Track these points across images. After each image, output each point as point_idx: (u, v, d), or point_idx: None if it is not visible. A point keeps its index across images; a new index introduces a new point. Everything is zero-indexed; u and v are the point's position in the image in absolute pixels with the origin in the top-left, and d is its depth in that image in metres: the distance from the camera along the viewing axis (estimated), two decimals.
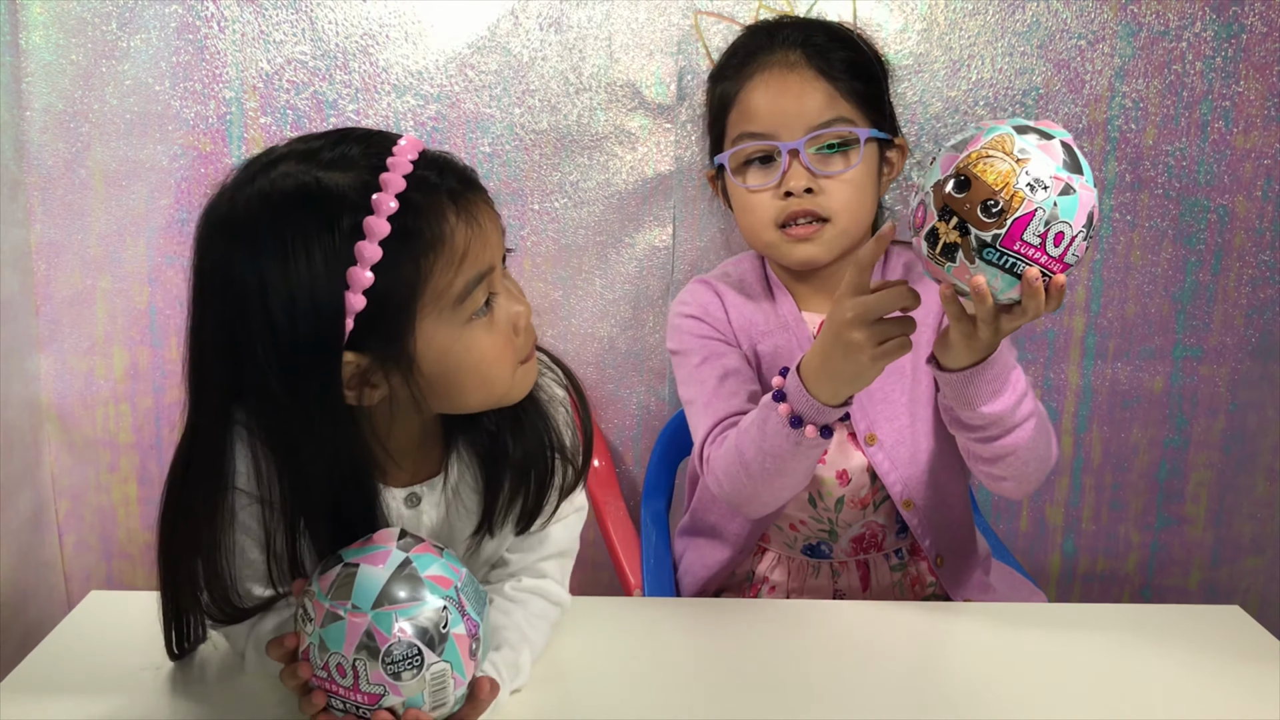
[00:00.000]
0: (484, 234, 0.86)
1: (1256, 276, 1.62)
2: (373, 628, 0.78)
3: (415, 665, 0.79)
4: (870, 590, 1.32)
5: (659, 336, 1.63)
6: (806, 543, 1.32)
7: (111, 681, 0.98)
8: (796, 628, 1.12)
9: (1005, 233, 0.89)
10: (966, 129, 0.95)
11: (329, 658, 0.80)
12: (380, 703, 0.79)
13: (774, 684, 1.00)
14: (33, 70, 1.54)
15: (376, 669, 0.78)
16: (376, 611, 0.79)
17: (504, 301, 0.90)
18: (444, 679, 0.80)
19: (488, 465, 0.98)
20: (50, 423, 1.65)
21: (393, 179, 0.82)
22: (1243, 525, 1.71)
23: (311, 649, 0.80)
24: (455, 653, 0.81)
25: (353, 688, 0.79)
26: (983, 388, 1.05)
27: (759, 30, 1.33)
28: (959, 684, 1.02)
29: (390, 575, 0.80)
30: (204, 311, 0.88)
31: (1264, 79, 1.56)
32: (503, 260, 0.91)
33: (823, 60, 1.23)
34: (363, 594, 0.79)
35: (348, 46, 1.54)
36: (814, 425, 1.08)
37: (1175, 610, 1.19)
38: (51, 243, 1.59)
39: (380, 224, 0.81)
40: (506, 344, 0.90)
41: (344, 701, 0.80)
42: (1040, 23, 1.54)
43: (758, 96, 1.24)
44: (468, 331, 0.87)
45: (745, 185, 1.26)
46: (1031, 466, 1.14)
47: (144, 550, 1.71)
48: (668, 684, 1.00)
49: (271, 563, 0.90)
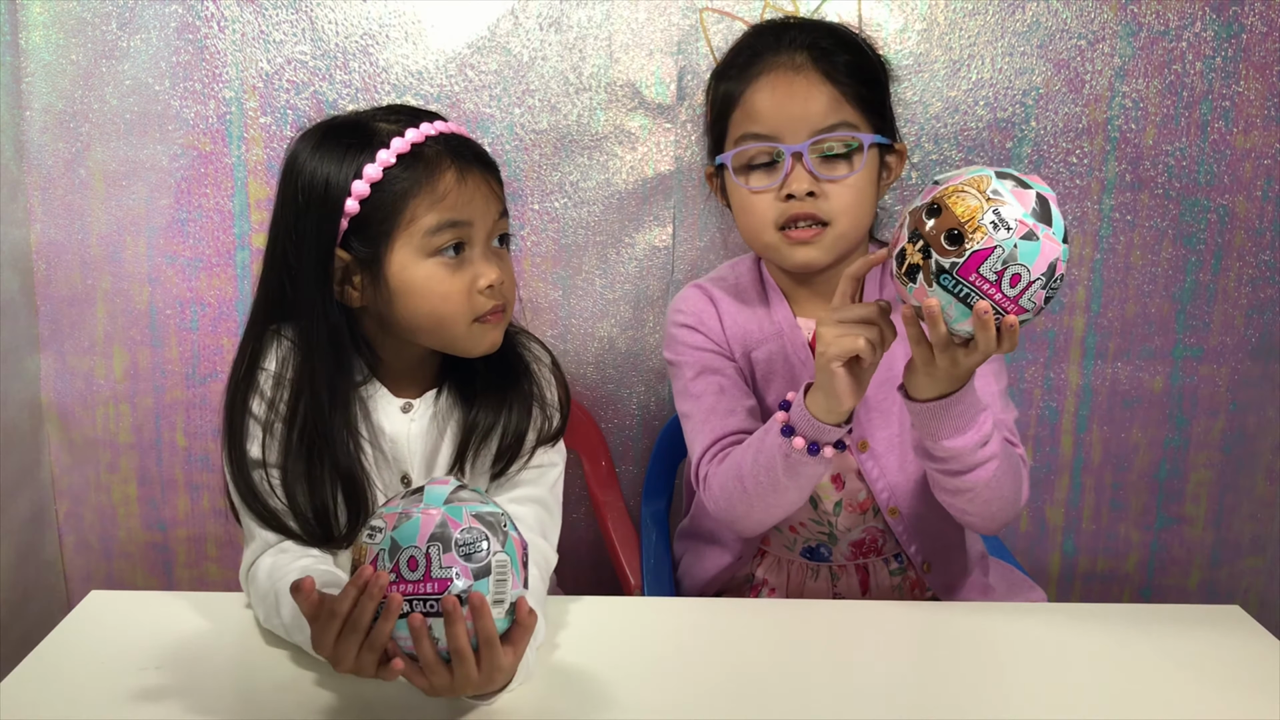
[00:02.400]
0: (471, 195, 1.08)
1: (1256, 276, 1.62)
2: (446, 518, 0.85)
3: (484, 549, 0.85)
4: (869, 594, 1.33)
5: (659, 336, 1.63)
6: (806, 545, 1.32)
7: (111, 681, 0.98)
8: (796, 628, 1.12)
9: (963, 262, 0.95)
10: (961, 170, 1.01)
11: (400, 555, 0.84)
12: (449, 588, 0.83)
13: (774, 684, 1.00)
14: (33, 70, 1.54)
15: (450, 553, 0.84)
16: (449, 505, 0.86)
17: (476, 258, 1.09)
18: (506, 570, 0.85)
19: (469, 395, 1.15)
20: (50, 423, 1.65)
21: (417, 134, 1.07)
22: (1243, 525, 1.71)
23: (381, 556, 0.85)
24: (513, 551, 0.87)
25: (423, 578, 0.83)
26: (946, 422, 1.08)
27: (765, 30, 1.32)
28: (959, 684, 1.02)
29: (455, 487, 0.89)
30: (275, 206, 1.12)
31: (1264, 79, 1.56)
32: (501, 240, 1.13)
33: (828, 63, 1.23)
34: (433, 497, 0.87)
35: (348, 46, 1.54)
36: (803, 439, 1.11)
37: (1175, 610, 1.19)
38: (51, 243, 1.59)
39: (389, 158, 1.05)
40: (463, 292, 1.08)
41: (411, 600, 0.83)
42: (1040, 23, 1.54)
43: (762, 98, 1.24)
44: (429, 263, 1.07)
45: (747, 186, 1.25)
46: (995, 506, 1.16)
47: (144, 550, 1.71)
48: (668, 684, 1.00)
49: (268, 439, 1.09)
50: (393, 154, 1.05)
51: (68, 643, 1.05)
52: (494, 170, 1.12)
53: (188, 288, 1.61)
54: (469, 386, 1.16)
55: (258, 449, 1.10)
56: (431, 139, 1.08)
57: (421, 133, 1.07)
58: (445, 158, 1.07)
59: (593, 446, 1.61)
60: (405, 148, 1.06)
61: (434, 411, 1.16)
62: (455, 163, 1.07)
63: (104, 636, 1.06)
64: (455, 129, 1.11)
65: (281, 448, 1.09)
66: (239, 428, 1.10)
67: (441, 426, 1.16)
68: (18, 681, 0.97)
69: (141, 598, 1.19)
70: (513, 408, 1.15)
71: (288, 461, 1.09)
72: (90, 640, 1.06)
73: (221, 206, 1.58)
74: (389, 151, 1.05)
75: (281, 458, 1.09)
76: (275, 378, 1.11)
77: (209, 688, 0.97)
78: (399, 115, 1.10)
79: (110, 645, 1.04)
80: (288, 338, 1.12)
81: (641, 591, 1.40)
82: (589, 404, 1.64)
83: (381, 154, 1.05)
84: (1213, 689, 1.00)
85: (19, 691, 0.96)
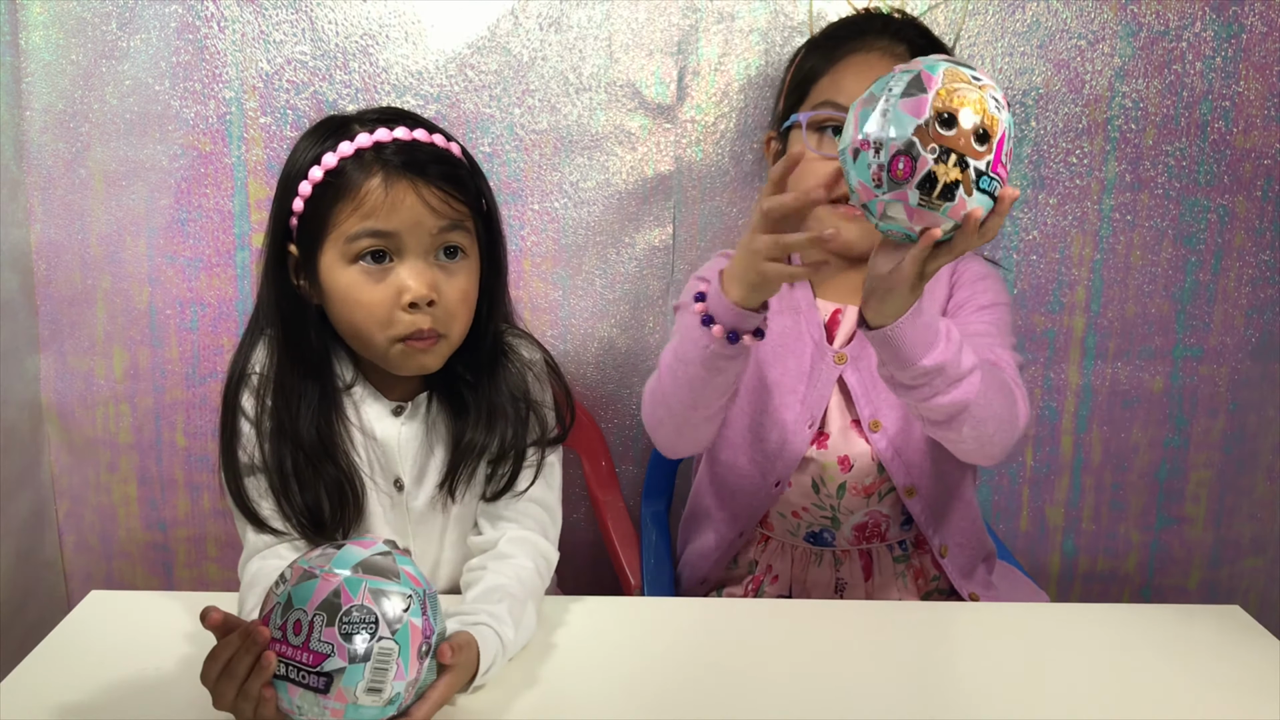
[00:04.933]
0: (396, 204, 1.05)
1: (1256, 276, 1.62)
2: (341, 587, 0.83)
3: (368, 632, 0.82)
4: (873, 581, 1.33)
5: (659, 336, 1.63)
6: (809, 530, 1.33)
7: (111, 681, 0.98)
8: (796, 627, 1.12)
9: (994, 157, 0.91)
10: (890, 77, 0.95)
11: (290, 615, 0.83)
12: (322, 664, 0.82)
13: (774, 684, 1.00)
14: (33, 70, 1.54)
15: (331, 627, 0.82)
16: (349, 576, 0.84)
17: (403, 271, 1.07)
18: (389, 660, 0.83)
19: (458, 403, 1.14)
20: (50, 423, 1.65)
21: (363, 140, 1.06)
22: (1243, 525, 1.71)
23: (276, 610, 0.84)
24: (406, 640, 0.84)
25: (302, 645, 0.82)
26: (915, 338, 1.03)
27: (875, 16, 1.37)
28: (959, 683, 1.02)
29: (372, 554, 0.87)
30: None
31: (1264, 79, 1.56)
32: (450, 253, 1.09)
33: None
34: (342, 561, 0.86)
35: (348, 46, 1.54)
36: (722, 327, 1.08)
37: (1175, 610, 1.19)
38: (51, 243, 1.59)
39: (331, 160, 1.06)
40: (384, 304, 1.06)
41: (287, 664, 0.82)
42: (1040, 23, 1.54)
43: (853, 73, 1.27)
44: (351, 270, 1.07)
45: (818, 150, 1.26)
46: (990, 426, 1.12)
47: (144, 550, 1.71)
48: (668, 684, 1.00)
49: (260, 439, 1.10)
50: (336, 157, 1.06)
51: (68, 643, 1.05)
52: (455, 181, 1.09)
53: (188, 288, 1.61)
54: (456, 395, 1.15)
55: (246, 452, 1.11)
56: (378, 145, 1.06)
57: (372, 139, 1.06)
58: (375, 165, 1.06)
59: (593, 446, 1.61)
60: (349, 151, 1.06)
61: (423, 417, 1.15)
62: (385, 170, 1.05)
63: (104, 636, 1.06)
64: (414, 137, 1.08)
65: (271, 447, 1.10)
66: (229, 431, 1.11)
67: (432, 434, 1.15)
68: (18, 681, 0.98)
69: (141, 598, 1.19)
70: (504, 425, 1.14)
71: (276, 461, 1.09)
72: (90, 640, 1.06)
73: (221, 206, 1.58)
74: (334, 155, 1.06)
75: (270, 458, 1.09)
76: (263, 378, 1.12)
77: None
78: (376, 119, 1.09)
79: (110, 645, 1.04)
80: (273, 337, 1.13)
81: (641, 591, 1.40)
82: (589, 404, 1.64)
83: (327, 157, 1.06)
84: (1213, 689, 1.00)
85: (19, 691, 0.96)
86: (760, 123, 1.56)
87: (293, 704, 0.83)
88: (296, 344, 1.11)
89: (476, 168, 1.15)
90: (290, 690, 0.83)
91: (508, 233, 1.56)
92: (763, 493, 1.31)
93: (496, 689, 0.97)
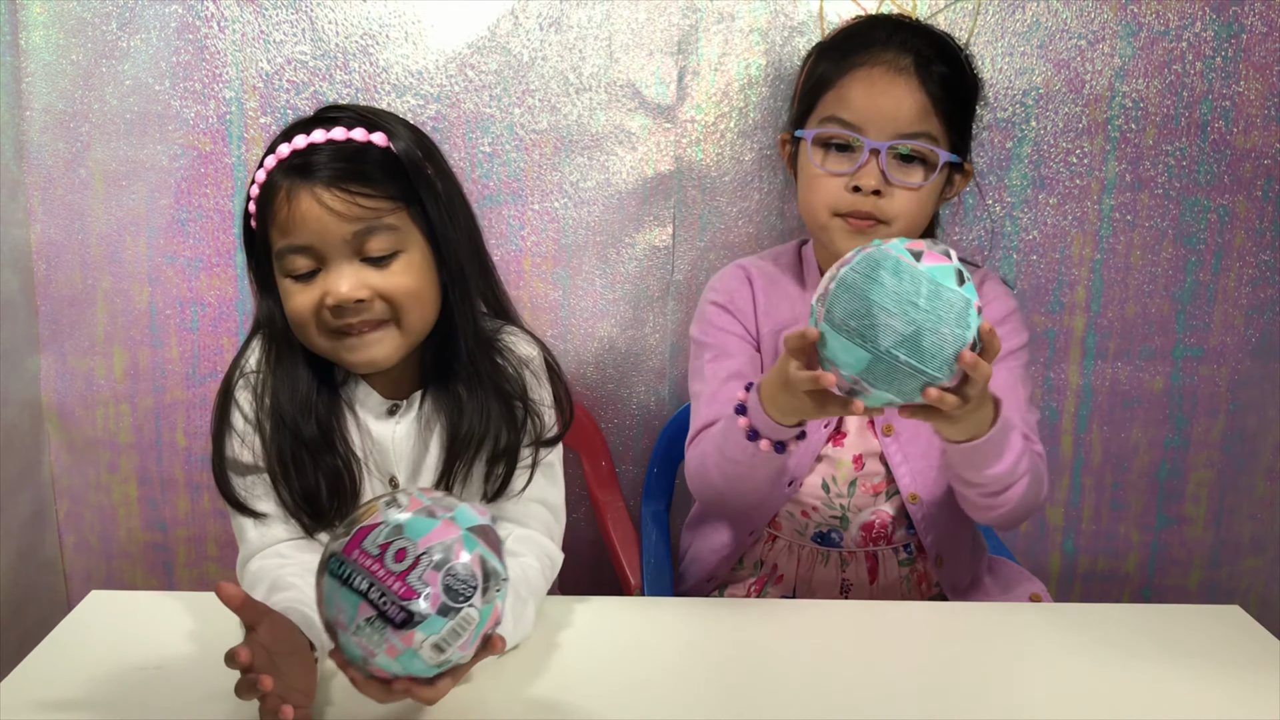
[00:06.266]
0: (302, 217, 1.02)
1: (1256, 276, 1.62)
2: (459, 541, 0.82)
3: (465, 595, 0.81)
4: (877, 583, 1.33)
5: (659, 336, 1.63)
6: (818, 530, 1.33)
7: (111, 681, 0.98)
8: (797, 627, 1.12)
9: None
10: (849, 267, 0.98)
11: (398, 540, 0.81)
12: (409, 603, 0.80)
13: (774, 684, 1.00)
14: (33, 70, 1.54)
15: (436, 572, 0.80)
16: (467, 534, 0.82)
17: (323, 277, 1.04)
18: (466, 629, 0.82)
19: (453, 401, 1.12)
20: (50, 423, 1.65)
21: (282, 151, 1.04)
22: (1243, 525, 1.71)
23: (382, 528, 0.82)
24: (486, 619, 0.83)
25: (400, 575, 0.80)
26: (989, 454, 1.11)
27: (880, 23, 1.33)
28: (959, 683, 1.02)
29: (485, 522, 0.85)
30: None
31: (1264, 79, 1.55)
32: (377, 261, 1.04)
33: (928, 72, 1.25)
34: (465, 516, 0.84)
35: (348, 46, 1.54)
36: (769, 440, 1.13)
37: (1175, 610, 1.19)
38: (51, 243, 1.59)
39: (261, 176, 1.05)
40: (309, 308, 1.05)
41: (372, 583, 0.81)
42: (1040, 23, 1.54)
43: (859, 88, 1.26)
44: (286, 283, 1.06)
45: (821, 167, 1.27)
46: (1020, 512, 1.21)
47: (144, 550, 1.71)
48: (668, 684, 1.00)
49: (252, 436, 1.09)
50: (264, 172, 1.05)
51: (68, 643, 1.05)
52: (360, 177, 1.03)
53: (188, 288, 1.61)
54: (452, 394, 1.13)
55: (237, 449, 1.10)
56: (293, 153, 1.03)
57: (289, 148, 1.04)
58: (280, 181, 1.03)
59: (593, 446, 1.61)
60: (271, 165, 1.05)
61: (417, 415, 1.14)
62: (288, 181, 1.03)
63: (104, 636, 1.06)
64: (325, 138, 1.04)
65: (270, 438, 1.09)
66: (220, 427, 1.11)
67: (426, 432, 1.14)
68: (18, 681, 0.97)
69: (141, 598, 1.19)
70: (500, 423, 1.12)
71: (275, 451, 1.09)
72: (90, 640, 1.05)
73: (221, 206, 1.58)
74: (262, 171, 1.05)
75: (269, 447, 1.09)
76: (259, 376, 1.12)
77: (209, 688, 0.97)
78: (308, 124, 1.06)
79: (110, 645, 1.04)
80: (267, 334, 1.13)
81: (641, 591, 1.40)
82: (589, 404, 1.64)
83: (258, 173, 1.05)
84: (1213, 689, 1.00)
85: (19, 691, 0.96)
86: (760, 123, 1.56)
87: (354, 619, 0.81)
88: (288, 340, 1.10)
89: (410, 153, 1.06)
90: (362, 607, 0.81)
91: (507, 232, 1.58)
92: (776, 491, 1.31)
93: (497, 688, 0.97)
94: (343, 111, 1.09)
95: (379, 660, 0.82)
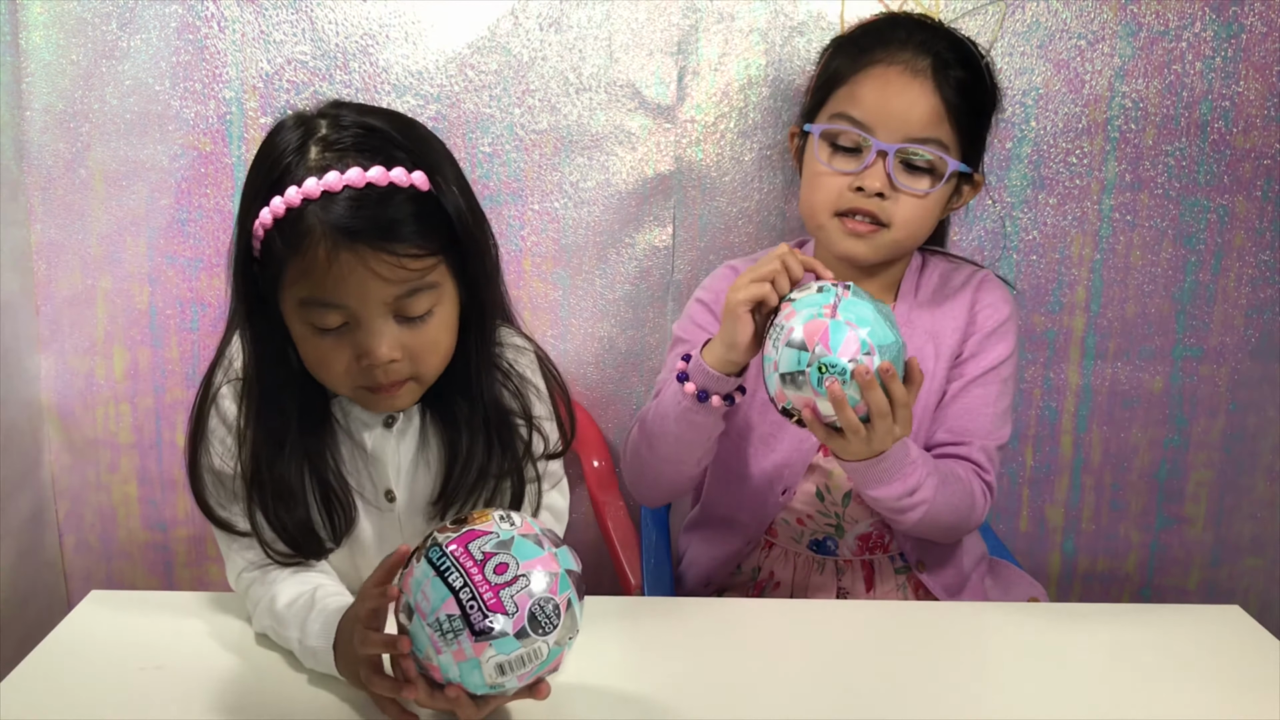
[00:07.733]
0: (343, 277, 0.94)
1: (1256, 276, 1.62)
2: (555, 579, 0.83)
3: (545, 629, 0.82)
4: (874, 591, 1.33)
5: (659, 336, 1.63)
6: (813, 538, 1.33)
7: (111, 681, 0.98)
8: (797, 627, 1.12)
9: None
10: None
11: (503, 554, 0.83)
12: (494, 615, 0.81)
13: (774, 684, 1.00)
14: (33, 70, 1.54)
15: (529, 599, 0.82)
16: (566, 575, 0.84)
17: (361, 338, 0.97)
18: (532, 660, 0.83)
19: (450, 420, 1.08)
20: (50, 423, 1.65)
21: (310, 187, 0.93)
22: (1243, 525, 1.71)
23: (491, 537, 0.84)
24: (553, 660, 0.85)
25: (495, 587, 0.82)
26: (870, 478, 1.14)
27: (901, 22, 1.30)
28: (959, 683, 1.02)
29: (578, 568, 0.87)
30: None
31: (1264, 79, 1.56)
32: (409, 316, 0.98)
33: (944, 76, 1.23)
34: (565, 558, 0.86)
35: (348, 46, 1.54)
36: (694, 385, 1.15)
37: (1175, 610, 1.19)
38: (51, 243, 1.59)
39: (280, 207, 0.94)
40: (342, 361, 0.98)
41: (466, 582, 0.82)
42: (1040, 23, 1.54)
43: (872, 86, 1.24)
44: (308, 332, 0.98)
45: (827, 164, 1.26)
46: (935, 533, 1.25)
47: (144, 550, 1.71)
48: (668, 684, 1.00)
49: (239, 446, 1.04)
50: (284, 204, 0.94)
51: (68, 643, 1.05)
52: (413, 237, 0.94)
53: (188, 288, 1.61)
54: (450, 410, 1.08)
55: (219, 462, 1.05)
56: (326, 195, 0.93)
57: (320, 186, 0.93)
58: (317, 231, 0.92)
59: (593, 446, 1.61)
60: (296, 201, 0.93)
61: (416, 429, 1.09)
62: (329, 236, 0.92)
63: (104, 636, 1.06)
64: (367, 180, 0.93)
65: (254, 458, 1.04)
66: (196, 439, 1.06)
67: (425, 447, 1.10)
68: (18, 681, 0.97)
69: (141, 598, 1.19)
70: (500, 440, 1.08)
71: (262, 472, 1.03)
72: (90, 640, 1.05)
73: (221, 206, 1.58)
74: (282, 201, 0.94)
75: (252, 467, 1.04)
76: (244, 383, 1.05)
77: (209, 688, 0.97)
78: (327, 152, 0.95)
79: (110, 645, 1.04)
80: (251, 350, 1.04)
81: (641, 591, 1.40)
82: (589, 404, 1.64)
83: (275, 201, 0.94)
84: (1213, 689, 1.00)
85: (19, 691, 0.96)
86: (760, 123, 1.56)
87: (436, 611, 0.82)
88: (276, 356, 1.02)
89: (459, 211, 0.98)
90: (448, 603, 0.82)
91: (507, 232, 1.58)
92: (770, 499, 1.31)
93: None
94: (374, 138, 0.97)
95: (441, 659, 0.83)
